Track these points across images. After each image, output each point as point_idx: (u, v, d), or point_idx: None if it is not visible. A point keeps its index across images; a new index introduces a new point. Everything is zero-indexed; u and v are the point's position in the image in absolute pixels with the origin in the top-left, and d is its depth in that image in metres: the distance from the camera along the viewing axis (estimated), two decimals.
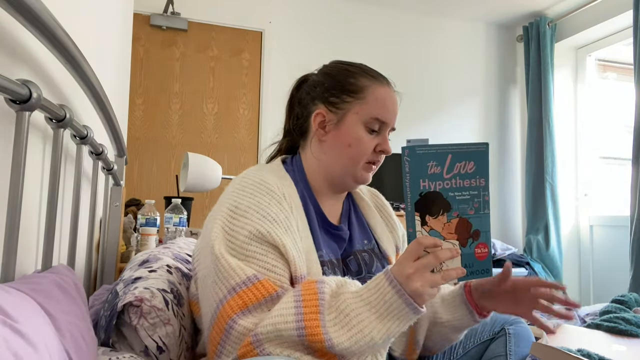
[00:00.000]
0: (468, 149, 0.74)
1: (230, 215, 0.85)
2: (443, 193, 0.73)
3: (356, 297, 0.74)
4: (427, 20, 3.74)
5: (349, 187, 1.01)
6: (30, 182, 0.81)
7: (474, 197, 0.74)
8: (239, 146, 3.27)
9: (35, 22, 0.61)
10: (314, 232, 0.92)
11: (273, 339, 0.72)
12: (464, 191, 0.74)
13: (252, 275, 0.79)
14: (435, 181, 0.73)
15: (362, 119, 0.93)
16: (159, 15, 3.10)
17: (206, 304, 0.84)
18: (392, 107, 0.95)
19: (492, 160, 3.81)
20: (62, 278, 0.77)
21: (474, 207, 0.74)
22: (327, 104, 0.95)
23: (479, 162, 0.74)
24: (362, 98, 0.93)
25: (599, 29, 3.33)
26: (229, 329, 0.76)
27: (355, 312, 0.72)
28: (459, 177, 0.73)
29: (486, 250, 0.75)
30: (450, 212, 0.73)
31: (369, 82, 0.94)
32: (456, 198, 0.73)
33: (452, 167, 0.73)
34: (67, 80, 0.96)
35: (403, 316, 0.72)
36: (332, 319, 0.73)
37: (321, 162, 0.97)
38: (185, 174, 2.04)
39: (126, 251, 1.87)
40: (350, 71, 0.96)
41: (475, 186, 0.74)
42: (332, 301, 0.75)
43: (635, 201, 2.75)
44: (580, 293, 3.53)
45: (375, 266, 1.00)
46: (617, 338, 1.59)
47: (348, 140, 0.93)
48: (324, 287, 0.76)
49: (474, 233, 0.74)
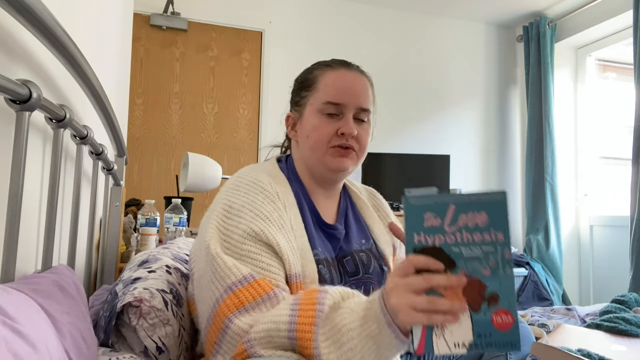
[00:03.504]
0: (477, 199, 0.63)
1: (224, 215, 0.85)
2: (445, 249, 0.63)
3: (352, 314, 0.69)
4: (427, 20, 3.74)
5: (329, 177, 0.98)
6: (30, 182, 0.81)
7: (488, 254, 0.62)
8: (239, 146, 3.27)
9: (35, 22, 0.61)
10: (309, 230, 0.92)
11: (265, 344, 0.73)
12: (474, 247, 0.62)
13: (247, 274, 0.79)
14: (434, 235, 0.63)
15: (316, 107, 0.94)
16: (159, 15, 3.10)
17: (203, 304, 0.84)
18: (346, 88, 0.93)
19: (492, 160, 3.81)
20: (62, 278, 0.77)
21: (489, 266, 0.62)
22: (293, 105, 1.01)
23: (493, 213, 0.62)
24: (315, 88, 0.95)
25: (599, 29, 3.33)
26: (225, 328, 0.76)
27: (347, 328, 0.68)
28: (465, 230, 0.62)
29: (510, 319, 0.61)
30: (454, 271, 0.62)
31: (320, 72, 0.96)
32: (463, 255, 0.62)
33: (455, 219, 0.63)
34: (67, 80, 0.96)
35: (387, 337, 0.65)
36: (325, 332, 0.70)
37: (302, 160, 0.99)
38: (185, 174, 2.04)
39: (126, 251, 1.87)
40: (309, 69, 1.00)
41: (491, 241, 0.62)
42: (330, 315, 0.71)
43: (635, 201, 2.75)
44: (580, 293, 3.53)
45: (372, 266, 0.99)
46: (617, 338, 1.60)
47: (307, 131, 0.95)
48: (325, 298, 0.73)
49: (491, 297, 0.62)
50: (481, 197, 0.63)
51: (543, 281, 3.23)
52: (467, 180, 3.70)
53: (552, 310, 2.18)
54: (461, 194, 0.63)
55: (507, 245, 0.62)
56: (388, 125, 3.50)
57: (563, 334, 1.62)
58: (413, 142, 3.60)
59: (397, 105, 3.57)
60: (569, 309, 2.13)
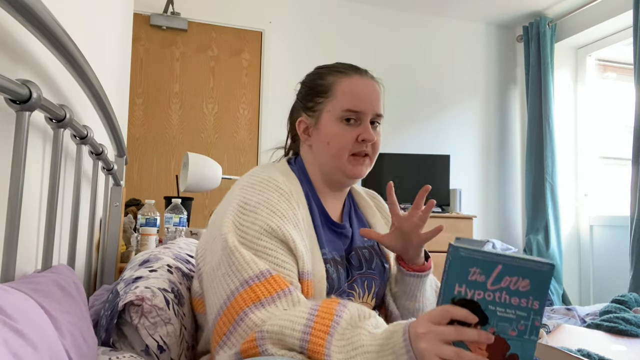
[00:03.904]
0: (526, 265, 0.63)
1: (240, 211, 0.86)
2: (482, 304, 0.64)
3: (372, 338, 0.71)
4: (427, 20, 3.74)
5: (344, 183, 1.02)
6: (30, 182, 0.81)
7: (520, 318, 0.64)
8: (239, 146, 3.28)
9: (35, 22, 0.61)
10: (317, 230, 0.94)
11: (276, 341, 0.73)
12: (509, 309, 0.64)
13: (265, 270, 0.79)
14: (475, 289, 0.64)
15: (335, 114, 0.95)
16: (159, 15, 3.10)
17: (213, 296, 0.84)
18: (363, 95, 0.95)
19: (492, 160, 3.81)
20: (62, 278, 0.77)
21: (517, 329, 0.64)
22: (305, 110, 1.00)
23: (536, 283, 0.63)
24: (331, 95, 0.96)
25: (599, 29, 3.33)
26: (239, 321, 0.77)
27: (364, 350, 0.69)
28: (506, 292, 0.64)
29: None
30: (485, 327, 0.64)
31: (335, 78, 0.97)
32: (497, 314, 0.64)
33: (499, 279, 0.64)
34: (67, 80, 0.96)
35: None
36: (340, 347, 0.71)
37: (315, 164, 1.00)
38: (185, 174, 2.04)
39: (126, 251, 1.87)
40: (320, 73, 1.01)
41: (526, 307, 0.64)
42: (347, 330, 0.72)
43: (635, 201, 2.75)
44: (580, 293, 3.53)
45: (375, 263, 1.03)
46: (617, 338, 1.60)
47: (326, 139, 0.96)
48: (343, 313, 0.74)
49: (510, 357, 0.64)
50: (529, 264, 0.64)
51: None
52: (467, 180, 3.70)
53: (552, 310, 2.18)
54: (511, 257, 0.64)
55: (540, 314, 0.64)
56: (388, 125, 3.50)
57: (563, 334, 1.62)
58: (413, 142, 3.60)
59: (397, 105, 3.57)
60: (569, 309, 2.13)
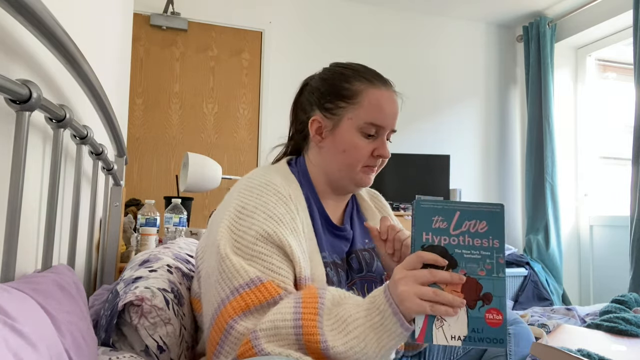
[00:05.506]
0: (479, 208, 0.72)
1: (237, 216, 0.85)
2: (449, 249, 0.71)
3: (357, 307, 0.74)
4: (427, 20, 3.74)
5: (350, 190, 1.00)
6: (30, 182, 0.81)
7: (485, 257, 0.71)
8: (239, 146, 3.28)
9: (35, 21, 0.61)
10: (318, 233, 0.93)
11: (271, 337, 0.73)
12: (474, 250, 0.71)
13: (255, 277, 0.79)
14: (440, 236, 0.71)
15: (357, 124, 0.91)
16: (159, 15, 3.10)
17: (207, 303, 0.84)
18: (388, 110, 0.92)
19: (492, 160, 3.82)
20: (62, 278, 0.77)
21: (485, 269, 0.71)
22: (323, 110, 0.95)
23: (492, 223, 0.72)
24: (356, 103, 0.91)
25: (599, 29, 3.33)
26: (229, 330, 0.76)
27: (352, 318, 0.72)
28: (467, 235, 0.71)
29: (500, 317, 0.70)
30: (456, 269, 0.70)
31: (363, 86, 0.92)
32: (464, 256, 0.71)
33: (460, 224, 0.72)
34: (67, 80, 0.96)
35: (391, 326, 0.70)
36: (330, 325, 0.73)
37: (321, 167, 0.98)
38: (185, 174, 2.04)
39: (126, 251, 1.87)
40: (345, 75, 0.95)
41: (488, 247, 0.71)
42: (333, 309, 0.75)
43: (635, 201, 2.75)
44: (580, 293, 3.53)
45: (375, 265, 1.02)
46: (617, 338, 1.60)
47: (343, 146, 0.92)
48: (325, 294, 0.76)
49: (485, 296, 0.70)
50: (482, 207, 0.73)
51: (543, 281, 3.23)
52: (467, 180, 3.70)
53: (552, 310, 2.18)
54: (466, 203, 0.73)
55: (501, 252, 0.71)
56: None
57: (563, 334, 1.62)
58: (413, 142, 3.60)
59: None
60: (569, 309, 2.13)
